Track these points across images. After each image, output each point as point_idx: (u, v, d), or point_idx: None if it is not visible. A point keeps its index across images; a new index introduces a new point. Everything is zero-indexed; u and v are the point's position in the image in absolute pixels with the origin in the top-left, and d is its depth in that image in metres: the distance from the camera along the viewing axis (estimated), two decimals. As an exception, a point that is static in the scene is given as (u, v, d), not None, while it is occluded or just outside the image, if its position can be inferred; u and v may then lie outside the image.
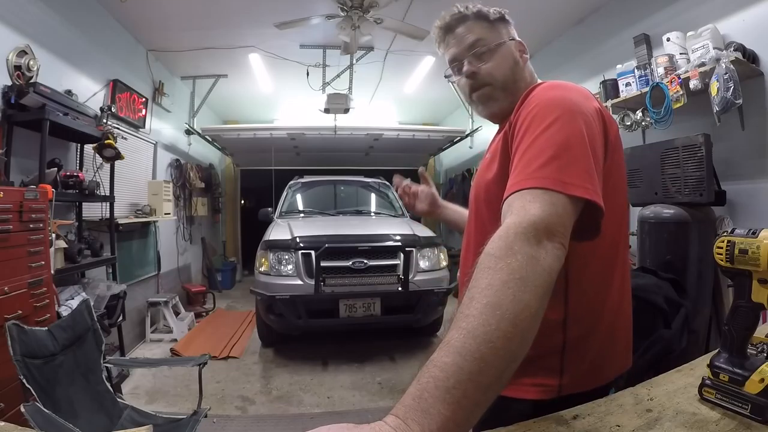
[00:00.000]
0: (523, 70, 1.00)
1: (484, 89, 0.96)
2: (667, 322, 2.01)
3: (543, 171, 0.64)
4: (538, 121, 0.72)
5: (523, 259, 0.53)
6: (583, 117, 0.72)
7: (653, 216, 2.47)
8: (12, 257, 1.93)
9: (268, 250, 3.68)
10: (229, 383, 3.20)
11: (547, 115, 0.72)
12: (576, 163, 0.66)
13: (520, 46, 1.01)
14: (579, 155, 0.67)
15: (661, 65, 2.69)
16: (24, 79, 2.50)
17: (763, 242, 0.58)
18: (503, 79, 0.95)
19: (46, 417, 1.34)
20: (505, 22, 1.00)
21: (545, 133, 0.69)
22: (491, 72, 0.95)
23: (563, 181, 0.63)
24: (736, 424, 0.58)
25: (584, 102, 0.77)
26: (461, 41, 0.96)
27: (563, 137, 0.68)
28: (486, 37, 0.96)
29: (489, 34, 0.96)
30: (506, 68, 0.96)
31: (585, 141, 0.69)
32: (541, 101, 0.76)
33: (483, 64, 0.95)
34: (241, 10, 3.71)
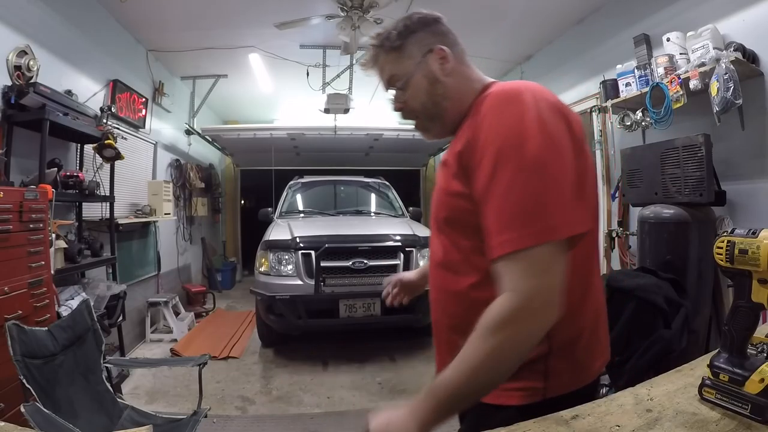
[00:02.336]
0: (447, 84, 0.90)
1: (415, 122, 0.96)
2: (667, 322, 2.01)
3: (526, 228, 0.65)
4: (503, 161, 0.69)
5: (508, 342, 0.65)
6: (547, 138, 0.69)
7: (653, 216, 2.47)
8: (12, 257, 1.93)
9: (268, 250, 3.68)
10: (229, 383, 3.20)
11: (511, 153, 0.68)
12: (554, 201, 0.67)
13: (440, 55, 0.90)
14: (554, 191, 0.67)
15: (661, 65, 2.69)
16: (24, 79, 2.50)
17: (763, 242, 0.58)
18: (423, 109, 0.92)
19: (46, 417, 1.34)
20: (411, 38, 0.91)
21: (516, 180, 0.67)
22: (411, 105, 0.93)
23: (548, 228, 0.65)
24: (736, 424, 0.58)
25: (543, 110, 0.72)
26: (381, 76, 0.96)
27: (536, 181, 0.67)
28: (397, 71, 0.92)
29: (399, 65, 0.91)
30: (423, 97, 0.91)
31: (557, 170, 0.68)
32: (501, 131, 0.71)
33: (404, 96, 0.92)
34: (241, 10, 3.71)
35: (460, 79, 0.91)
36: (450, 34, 0.94)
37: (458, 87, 0.90)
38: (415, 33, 0.91)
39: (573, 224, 0.67)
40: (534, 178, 0.67)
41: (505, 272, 0.67)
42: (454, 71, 0.90)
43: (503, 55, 4.86)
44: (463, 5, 3.67)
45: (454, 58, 0.91)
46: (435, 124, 0.94)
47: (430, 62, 0.90)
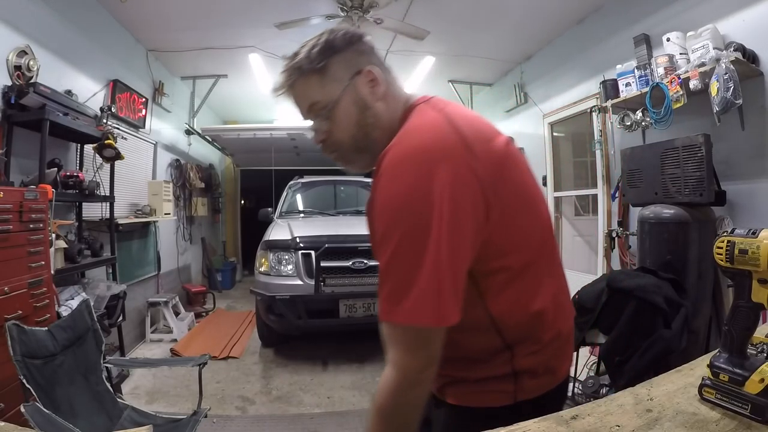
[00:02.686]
0: (378, 111, 0.81)
1: (335, 154, 0.85)
2: (667, 322, 2.01)
3: (397, 307, 0.66)
4: (387, 238, 0.68)
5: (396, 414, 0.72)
6: (435, 210, 0.65)
7: (653, 216, 2.47)
8: (12, 257, 1.93)
9: (268, 250, 3.68)
10: (229, 383, 3.20)
11: (393, 232, 0.67)
12: (426, 288, 0.65)
13: (369, 77, 0.81)
14: (428, 275, 0.65)
15: (661, 65, 2.69)
16: (24, 79, 2.50)
17: (763, 242, 0.58)
18: (350, 140, 0.82)
19: (46, 417, 1.34)
20: (336, 57, 0.80)
21: (396, 256, 0.67)
22: (336, 136, 0.82)
23: (416, 313, 0.66)
24: (736, 424, 0.58)
25: (432, 181, 0.65)
26: (300, 104, 0.85)
27: (411, 262, 0.65)
28: (320, 97, 0.80)
29: (322, 90, 0.80)
30: (351, 126, 0.81)
31: (433, 254, 0.65)
32: (387, 208, 0.69)
33: (327, 126, 0.82)
34: (241, 10, 3.71)
35: (390, 103, 0.83)
36: (375, 52, 0.85)
37: (389, 114, 0.82)
38: (340, 52, 0.80)
39: (439, 316, 0.66)
40: (410, 259, 0.66)
41: (387, 339, 0.71)
42: (385, 95, 0.82)
43: (503, 55, 4.86)
44: (463, 5, 3.67)
45: (385, 79, 0.82)
46: (363, 157, 0.84)
47: (359, 86, 0.80)
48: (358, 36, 0.83)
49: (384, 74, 0.83)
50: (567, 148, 4.57)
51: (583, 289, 2.39)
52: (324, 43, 0.80)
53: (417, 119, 0.77)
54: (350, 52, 0.81)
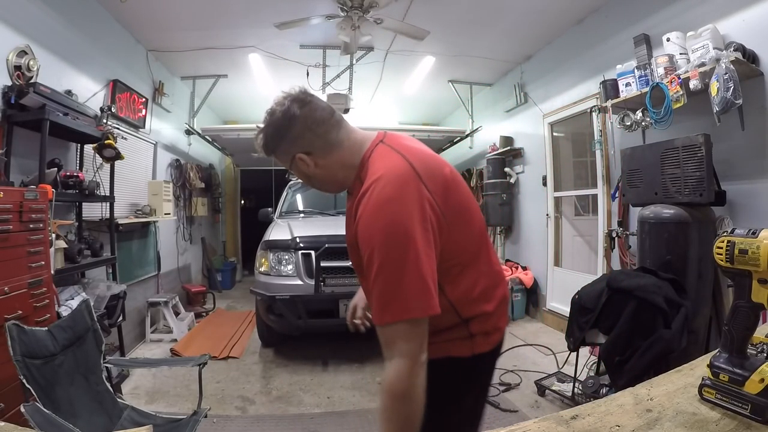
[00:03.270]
0: (319, 173, 1.05)
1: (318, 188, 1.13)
2: (667, 322, 2.01)
3: (391, 308, 0.86)
4: (375, 258, 0.87)
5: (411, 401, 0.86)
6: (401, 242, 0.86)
7: (653, 216, 2.47)
8: (12, 257, 1.93)
9: (268, 250, 3.68)
10: (229, 383, 3.20)
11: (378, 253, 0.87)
12: (410, 289, 0.86)
13: (301, 159, 1.04)
14: (411, 280, 0.86)
15: (661, 65, 2.69)
16: (24, 79, 2.50)
17: (763, 242, 0.58)
18: (312, 185, 1.11)
19: (46, 417, 1.34)
20: (277, 151, 1.06)
21: (383, 273, 0.86)
22: (306, 181, 1.10)
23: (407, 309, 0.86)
24: (736, 424, 0.58)
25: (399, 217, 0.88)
26: None
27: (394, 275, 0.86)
28: (283, 164, 1.08)
29: (280, 161, 1.08)
30: (307, 181, 1.09)
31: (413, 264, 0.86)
32: (370, 238, 0.89)
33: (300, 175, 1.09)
34: (242, 10, 3.71)
35: (331, 166, 1.05)
36: (309, 126, 1.02)
37: (334, 168, 1.05)
38: (277, 147, 1.05)
39: (425, 308, 0.87)
40: (397, 271, 0.86)
41: (387, 339, 0.88)
42: (320, 166, 1.04)
43: (503, 55, 4.86)
44: (463, 5, 3.67)
45: (317, 154, 1.03)
46: (329, 190, 1.14)
47: (299, 164, 1.04)
48: (287, 123, 1.01)
49: (318, 149, 1.03)
50: (567, 148, 4.57)
51: (583, 289, 2.39)
52: (263, 144, 1.06)
53: (382, 163, 0.98)
54: (286, 142, 1.03)
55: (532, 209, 4.91)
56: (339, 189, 1.11)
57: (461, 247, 1.01)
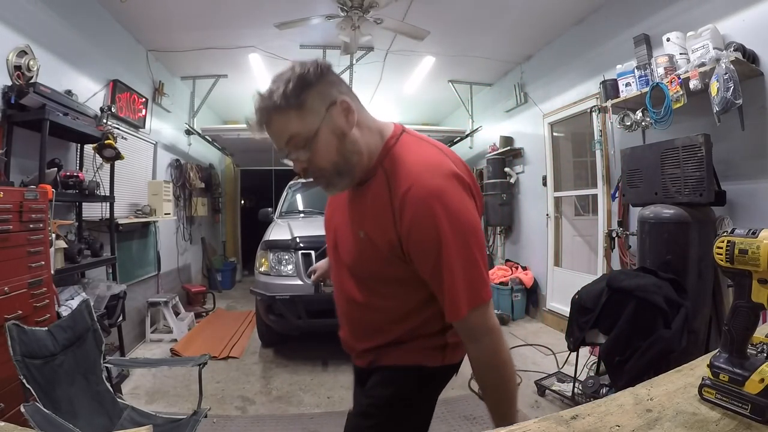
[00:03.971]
0: (355, 137, 0.89)
1: (318, 181, 0.93)
2: (667, 322, 2.01)
3: (479, 293, 0.88)
4: (446, 249, 0.85)
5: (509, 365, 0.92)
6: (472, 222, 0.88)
7: (653, 216, 2.47)
8: (12, 257, 1.93)
9: (268, 250, 3.68)
10: (229, 383, 3.20)
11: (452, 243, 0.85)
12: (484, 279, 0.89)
13: (343, 107, 0.87)
14: (484, 266, 0.89)
15: (661, 65, 2.69)
16: (24, 79, 2.50)
17: (763, 242, 0.58)
18: (332, 166, 0.89)
19: (46, 417, 1.34)
20: (311, 92, 0.85)
21: (459, 259, 0.86)
22: (318, 164, 0.89)
23: (488, 292, 0.90)
24: (736, 424, 0.58)
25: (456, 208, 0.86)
26: (277, 138, 0.89)
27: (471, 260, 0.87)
28: (299, 130, 0.85)
29: (300, 123, 0.85)
30: (332, 154, 0.88)
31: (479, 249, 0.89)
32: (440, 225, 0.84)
33: (307, 156, 0.88)
34: (241, 10, 3.71)
35: (365, 130, 0.92)
36: (343, 81, 0.92)
37: (365, 139, 0.91)
38: (314, 85, 0.85)
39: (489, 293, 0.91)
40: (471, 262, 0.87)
41: (474, 320, 0.89)
42: (359, 122, 0.90)
43: (503, 55, 4.86)
44: (463, 5, 3.67)
45: (356, 107, 0.90)
46: (344, 180, 0.92)
47: (335, 116, 0.86)
48: (327, 67, 0.88)
49: (354, 103, 0.90)
50: (567, 148, 4.57)
51: (584, 289, 2.39)
52: (298, 79, 0.84)
53: (418, 155, 0.92)
54: (323, 84, 0.86)
55: (532, 209, 4.91)
56: (360, 171, 0.92)
57: None
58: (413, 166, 0.88)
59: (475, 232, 0.88)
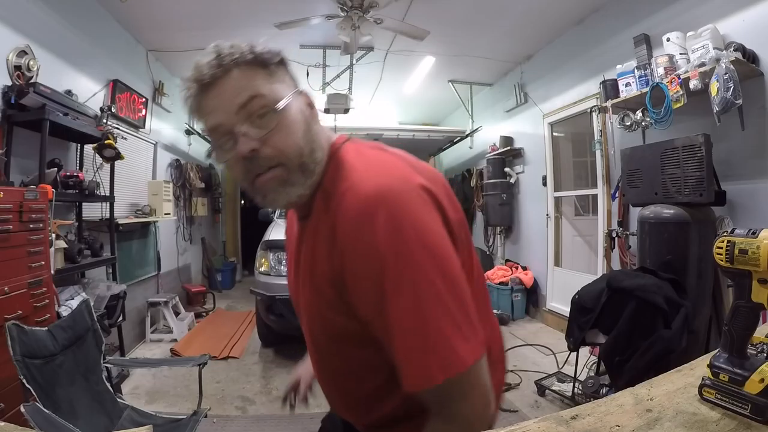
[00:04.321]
0: (318, 133, 0.71)
1: (275, 171, 0.66)
2: (667, 322, 2.01)
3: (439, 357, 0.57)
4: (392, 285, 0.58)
5: None
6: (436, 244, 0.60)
7: (653, 216, 2.47)
8: (12, 257, 1.93)
9: (268, 250, 3.68)
10: (229, 383, 3.19)
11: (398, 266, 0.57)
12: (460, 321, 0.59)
13: (307, 99, 0.72)
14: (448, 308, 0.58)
15: (661, 65, 2.69)
16: (24, 79, 2.50)
17: (763, 242, 0.58)
18: (298, 154, 0.66)
19: (46, 417, 1.34)
20: (284, 65, 0.71)
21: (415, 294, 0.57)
22: (279, 145, 0.65)
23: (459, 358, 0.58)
24: (736, 424, 0.58)
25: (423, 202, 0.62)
26: (230, 99, 0.65)
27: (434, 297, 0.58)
28: (265, 92, 0.65)
29: (269, 87, 0.66)
30: (299, 138, 0.67)
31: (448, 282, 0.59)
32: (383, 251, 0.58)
33: (267, 134, 0.65)
34: (241, 10, 3.71)
35: (324, 135, 0.74)
36: None
37: (322, 143, 0.72)
38: (284, 62, 0.71)
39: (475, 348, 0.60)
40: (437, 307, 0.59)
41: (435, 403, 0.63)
42: (316, 122, 0.72)
43: (503, 55, 4.86)
44: (463, 5, 3.67)
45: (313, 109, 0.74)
46: (305, 178, 0.68)
47: (299, 104, 0.69)
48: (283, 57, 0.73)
49: None
50: (567, 148, 4.57)
51: (583, 289, 2.39)
52: (270, 49, 0.69)
53: (367, 160, 0.68)
54: (289, 67, 0.73)
55: (532, 209, 4.91)
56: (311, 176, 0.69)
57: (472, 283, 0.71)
58: (355, 171, 0.65)
59: (441, 257, 0.60)
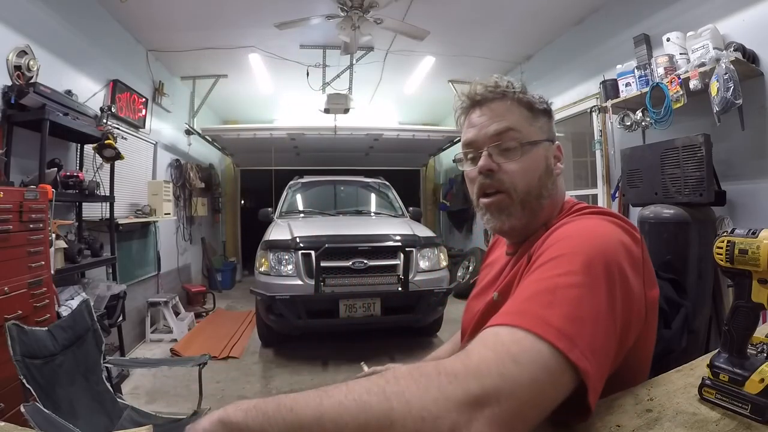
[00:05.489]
0: (554, 183, 0.79)
1: (498, 197, 0.76)
2: (667, 322, 2.01)
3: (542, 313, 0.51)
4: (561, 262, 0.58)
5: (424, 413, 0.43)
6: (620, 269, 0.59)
7: (653, 216, 2.47)
8: (12, 257, 1.93)
9: (268, 250, 3.68)
10: (229, 383, 3.19)
11: (573, 260, 0.57)
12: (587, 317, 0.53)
13: (557, 152, 0.81)
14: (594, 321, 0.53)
15: (661, 65, 2.69)
16: (24, 79, 2.50)
17: (763, 242, 0.58)
18: (526, 189, 0.75)
19: (46, 417, 1.34)
20: (548, 116, 0.81)
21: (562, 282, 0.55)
22: (514, 177, 0.74)
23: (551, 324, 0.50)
24: (736, 424, 0.58)
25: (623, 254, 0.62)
26: (487, 123, 0.75)
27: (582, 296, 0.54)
28: (521, 128, 0.75)
29: (526, 125, 0.76)
30: (534, 176, 0.75)
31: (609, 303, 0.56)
32: (568, 235, 0.63)
33: (506, 162, 0.74)
34: (241, 10, 3.71)
35: (560, 189, 0.81)
36: None
37: (556, 196, 0.80)
38: (549, 113, 0.81)
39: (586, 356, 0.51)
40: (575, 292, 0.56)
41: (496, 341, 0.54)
42: (558, 178, 0.81)
43: (503, 55, 4.86)
44: (463, 5, 3.67)
45: None
46: (523, 214, 0.76)
47: (549, 153, 0.79)
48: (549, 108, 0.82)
49: None
50: (567, 148, 4.55)
51: (583, 289, 2.38)
52: (540, 98, 0.80)
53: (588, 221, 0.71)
54: (552, 119, 0.82)
55: (532, 209, 4.91)
56: (525, 223, 0.76)
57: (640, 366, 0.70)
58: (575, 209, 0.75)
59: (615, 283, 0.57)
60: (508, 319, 0.52)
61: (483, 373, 0.45)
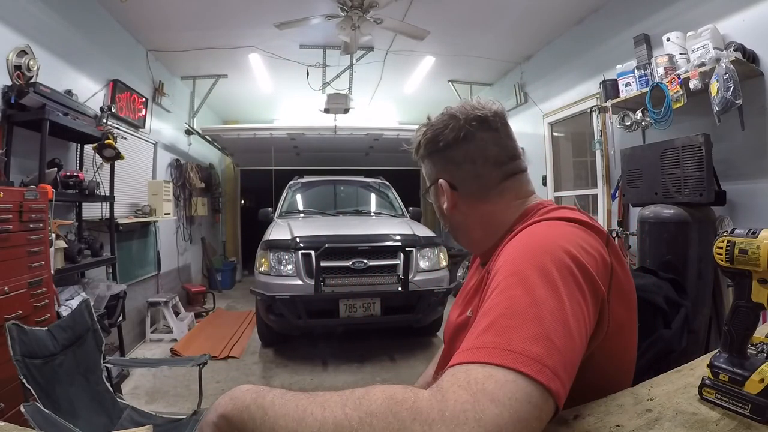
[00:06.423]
0: (454, 218, 0.85)
1: (446, 227, 0.90)
2: (667, 322, 2.01)
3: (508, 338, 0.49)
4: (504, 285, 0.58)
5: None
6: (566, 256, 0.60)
7: (653, 216, 2.47)
8: (12, 257, 1.93)
9: (268, 250, 3.68)
10: (229, 383, 3.19)
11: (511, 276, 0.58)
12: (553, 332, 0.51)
13: (440, 189, 0.84)
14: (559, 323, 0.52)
15: (661, 65, 2.69)
16: (24, 79, 2.50)
17: (763, 242, 0.58)
18: (444, 221, 0.88)
19: (46, 417, 1.34)
20: (430, 155, 0.86)
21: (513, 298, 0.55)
22: (437, 212, 0.89)
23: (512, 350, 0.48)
24: (736, 424, 0.58)
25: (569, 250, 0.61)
26: None
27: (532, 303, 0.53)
28: (425, 176, 0.89)
29: (425, 171, 0.89)
30: (442, 220, 0.88)
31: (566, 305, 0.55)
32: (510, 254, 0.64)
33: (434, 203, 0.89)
34: (241, 10, 3.71)
35: (472, 216, 0.83)
36: (473, 158, 0.80)
37: (468, 224, 0.84)
38: (427, 157, 0.87)
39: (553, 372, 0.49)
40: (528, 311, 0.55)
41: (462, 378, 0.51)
42: (459, 209, 0.83)
43: (503, 55, 4.86)
44: (463, 5, 3.67)
45: (463, 195, 0.82)
46: (457, 237, 0.90)
47: (436, 192, 0.86)
48: (456, 137, 0.81)
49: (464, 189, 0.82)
50: (567, 148, 4.57)
51: (583, 289, 2.38)
52: (417, 142, 0.89)
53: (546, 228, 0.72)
54: (437, 157, 0.85)
55: (532, 209, 4.91)
56: (468, 245, 0.88)
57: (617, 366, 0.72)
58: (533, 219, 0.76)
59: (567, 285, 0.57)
60: (473, 356, 0.49)
61: (460, 421, 0.42)
